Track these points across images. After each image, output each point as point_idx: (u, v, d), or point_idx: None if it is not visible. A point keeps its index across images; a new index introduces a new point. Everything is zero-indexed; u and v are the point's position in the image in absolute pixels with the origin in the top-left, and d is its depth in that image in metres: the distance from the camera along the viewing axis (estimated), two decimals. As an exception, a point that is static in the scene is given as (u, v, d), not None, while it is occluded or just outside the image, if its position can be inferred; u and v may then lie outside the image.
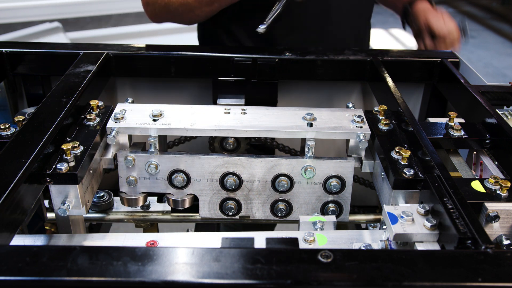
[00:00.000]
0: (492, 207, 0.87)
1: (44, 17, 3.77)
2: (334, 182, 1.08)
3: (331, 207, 1.11)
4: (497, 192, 0.90)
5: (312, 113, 1.09)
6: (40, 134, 0.94)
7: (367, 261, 0.66)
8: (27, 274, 0.63)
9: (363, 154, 1.12)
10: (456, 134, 1.11)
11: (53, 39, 3.44)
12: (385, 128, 1.10)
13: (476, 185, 0.92)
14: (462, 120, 1.20)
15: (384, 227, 0.93)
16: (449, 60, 1.40)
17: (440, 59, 1.40)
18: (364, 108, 1.36)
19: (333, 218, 1.05)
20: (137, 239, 0.97)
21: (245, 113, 1.11)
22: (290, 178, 1.08)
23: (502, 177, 1.02)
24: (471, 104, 1.20)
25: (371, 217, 1.19)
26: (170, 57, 1.37)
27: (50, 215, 1.12)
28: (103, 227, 1.31)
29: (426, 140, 0.99)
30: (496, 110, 1.13)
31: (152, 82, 1.47)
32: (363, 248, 0.91)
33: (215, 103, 1.40)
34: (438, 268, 0.66)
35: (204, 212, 1.12)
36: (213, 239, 0.96)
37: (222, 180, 1.09)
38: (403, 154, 0.97)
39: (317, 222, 1.03)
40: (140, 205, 1.13)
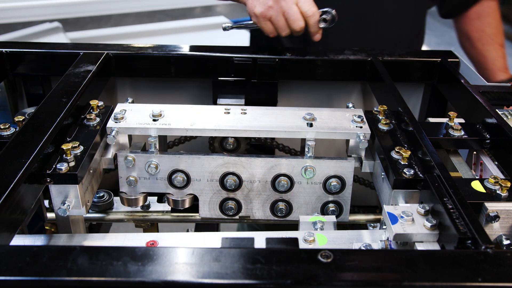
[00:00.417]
0: (492, 207, 0.87)
1: (44, 17, 3.77)
2: (334, 182, 1.08)
3: (331, 207, 1.11)
4: (497, 192, 0.90)
5: (312, 113, 1.09)
6: (40, 134, 0.94)
7: (367, 261, 0.66)
8: (27, 274, 0.63)
9: (363, 154, 1.12)
10: (456, 134, 1.11)
11: (53, 39, 3.44)
12: (385, 128, 1.10)
13: (476, 185, 0.92)
14: (462, 120, 1.20)
15: (384, 227, 0.93)
16: (449, 60, 1.40)
17: (440, 59, 1.40)
18: (364, 108, 1.36)
19: (333, 218, 1.05)
20: (137, 239, 0.97)
21: (245, 113, 1.11)
22: (290, 178, 1.08)
23: (502, 177, 1.02)
24: (471, 104, 1.20)
25: (371, 217, 1.19)
26: (170, 57, 1.37)
27: (50, 215, 1.12)
28: (103, 227, 1.31)
29: (426, 140, 0.99)
30: (496, 110, 1.13)
31: (152, 82, 1.47)
32: (363, 248, 0.91)
33: (215, 103, 1.40)
34: (438, 268, 0.66)
35: (204, 212, 1.12)
36: (213, 239, 0.96)
37: (222, 180, 1.08)
38: (403, 154, 0.97)
39: (317, 222, 1.03)
40: (140, 205, 1.13)
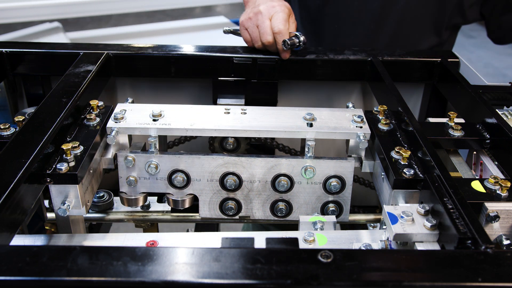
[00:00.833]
0: (492, 207, 0.87)
1: (44, 17, 3.76)
2: (334, 182, 1.08)
3: (331, 207, 1.11)
4: (497, 192, 0.90)
5: (312, 113, 1.09)
6: (40, 134, 0.94)
7: (367, 261, 0.66)
8: (27, 274, 0.63)
9: (363, 154, 1.12)
10: (456, 134, 1.11)
11: (53, 39, 3.44)
12: (385, 128, 1.10)
13: (476, 185, 0.92)
14: (462, 120, 1.20)
15: (384, 227, 0.93)
16: (449, 60, 1.40)
17: (440, 59, 1.40)
18: (364, 108, 1.36)
19: (333, 218, 1.05)
20: (137, 239, 0.97)
21: (245, 113, 1.11)
22: (290, 178, 1.08)
23: (502, 177, 1.02)
24: (471, 104, 1.20)
25: (371, 217, 1.19)
26: (170, 57, 1.37)
27: (50, 215, 1.12)
28: (103, 227, 1.31)
29: (426, 140, 0.99)
30: (496, 110, 1.13)
31: (152, 82, 1.47)
32: (363, 248, 0.91)
33: (215, 103, 1.41)
34: (438, 268, 0.66)
35: (204, 212, 1.12)
36: (213, 239, 0.96)
37: (222, 180, 1.08)
38: (403, 154, 0.97)
39: (317, 222, 1.03)
40: (140, 205, 1.13)
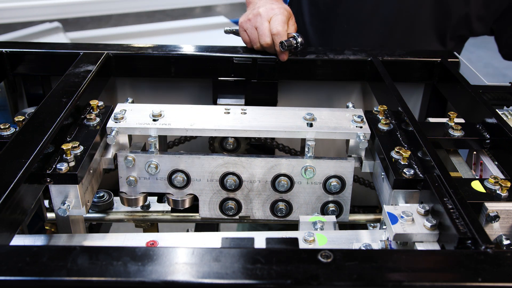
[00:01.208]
0: (492, 207, 0.87)
1: (44, 17, 3.76)
2: (334, 182, 1.08)
3: (331, 207, 1.11)
4: (497, 192, 0.90)
5: (312, 113, 1.09)
6: (40, 134, 0.94)
7: (367, 261, 0.66)
8: (27, 274, 0.63)
9: (363, 154, 1.12)
10: (456, 134, 1.11)
11: (53, 39, 3.44)
12: (385, 128, 1.10)
13: (476, 185, 0.92)
14: (462, 120, 1.20)
15: (384, 227, 0.93)
16: (449, 60, 1.40)
17: (440, 59, 1.40)
18: (364, 108, 1.36)
19: (333, 218, 1.05)
20: (137, 239, 0.97)
21: (245, 113, 1.11)
22: (290, 178, 1.08)
23: (502, 177, 1.02)
24: (471, 104, 1.20)
25: (371, 217, 1.19)
26: (170, 57, 1.37)
27: (50, 215, 1.12)
28: (103, 227, 1.31)
29: (426, 140, 0.99)
30: (496, 110, 1.13)
31: (152, 82, 1.47)
32: (363, 248, 0.91)
33: (215, 103, 1.40)
34: (438, 268, 0.66)
35: (204, 212, 1.12)
36: (213, 239, 0.96)
37: (222, 180, 1.08)
38: (403, 154, 0.97)
39: (317, 222, 1.03)
40: (140, 205, 1.13)
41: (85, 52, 1.34)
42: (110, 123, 1.05)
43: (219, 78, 1.39)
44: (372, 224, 1.16)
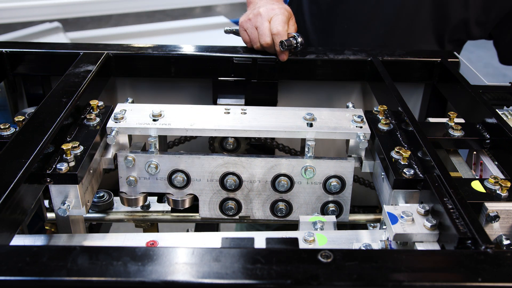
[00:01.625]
0: (492, 207, 0.87)
1: (44, 17, 3.76)
2: (334, 182, 1.08)
3: (331, 207, 1.11)
4: (497, 192, 0.90)
5: (312, 113, 1.09)
6: (40, 134, 0.94)
7: (367, 261, 0.66)
8: (27, 274, 0.63)
9: (363, 154, 1.12)
10: (456, 134, 1.11)
11: (53, 39, 3.44)
12: (385, 128, 1.10)
13: (476, 185, 0.92)
14: (462, 120, 1.20)
15: (384, 227, 0.93)
16: (449, 60, 1.40)
17: (440, 59, 1.40)
18: (364, 108, 1.36)
19: (333, 218, 1.05)
20: (137, 239, 0.97)
21: (245, 113, 1.11)
22: (290, 178, 1.08)
23: (502, 177, 1.02)
24: (471, 104, 1.20)
25: (371, 217, 1.19)
26: (170, 57, 1.37)
27: (50, 215, 1.12)
28: (103, 227, 1.31)
29: (426, 140, 0.99)
30: (496, 110, 1.13)
31: (152, 82, 1.47)
32: (363, 248, 0.91)
33: (215, 103, 1.40)
34: (438, 268, 0.66)
35: (204, 212, 1.12)
36: (213, 239, 0.96)
37: (222, 180, 1.08)
38: (403, 154, 0.97)
39: (317, 222, 1.03)
40: (140, 205, 1.13)
41: (85, 52, 1.34)
42: (110, 123, 1.05)
43: (219, 78, 1.39)
44: (372, 224, 1.16)
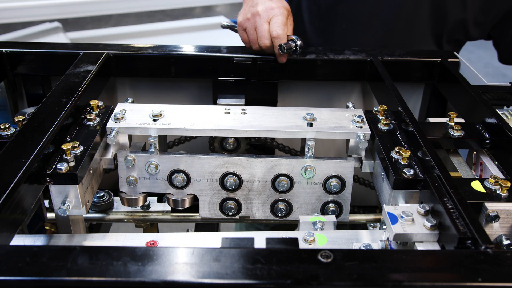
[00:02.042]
0: (492, 207, 0.87)
1: (44, 17, 3.77)
2: (334, 182, 1.08)
3: (331, 207, 1.11)
4: (497, 192, 0.90)
5: (312, 113, 1.09)
6: (40, 134, 0.94)
7: (367, 261, 0.66)
8: (27, 274, 0.63)
9: (363, 154, 1.12)
10: (456, 134, 1.11)
11: (53, 39, 3.44)
12: (385, 128, 1.10)
13: (476, 185, 0.92)
14: (462, 120, 1.20)
15: (384, 227, 0.93)
16: (449, 60, 1.40)
17: (440, 59, 1.40)
18: (364, 108, 1.36)
19: (333, 218, 1.05)
20: (137, 239, 0.97)
21: (245, 113, 1.11)
22: (290, 178, 1.08)
23: (502, 177, 1.02)
24: (471, 104, 1.20)
25: (371, 217, 1.19)
26: (170, 57, 1.37)
27: (50, 215, 1.12)
28: (103, 227, 1.31)
29: (426, 140, 0.99)
30: (496, 110, 1.13)
31: (152, 82, 1.47)
32: (363, 248, 0.91)
33: (215, 103, 1.40)
34: (438, 268, 0.66)
35: (204, 212, 1.12)
36: (213, 239, 0.96)
37: (222, 180, 1.08)
38: (403, 154, 0.97)
39: (317, 222, 1.03)
40: (140, 205, 1.13)
41: (85, 52, 1.34)
42: (110, 123, 1.05)
43: (219, 78, 1.39)
44: (372, 224, 1.16)
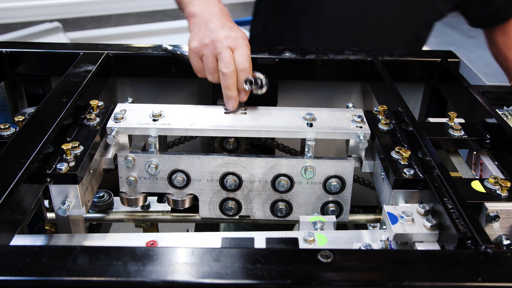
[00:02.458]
0: (492, 207, 0.87)
1: (44, 17, 3.77)
2: (334, 182, 1.08)
3: (331, 207, 1.11)
4: (497, 192, 0.90)
5: (312, 113, 1.09)
6: (40, 134, 0.94)
7: (367, 261, 0.66)
8: (27, 274, 0.63)
9: (363, 154, 1.12)
10: (456, 134, 1.11)
11: (53, 39, 3.44)
12: (385, 128, 1.10)
13: (476, 185, 0.92)
14: (462, 120, 1.20)
15: (384, 227, 0.93)
16: (449, 60, 1.40)
17: (440, 59, 1.40)
18: (364, 108, 1.36)
19: (333, 218, 1.05)
20: (137, 239, 0.97)
21: (245, 113, 1.11)
22: (290, 178, 1.08)
23: (502, 177, 1.02)
24: (471, 104, 1.20)
25: (371, 217, 1.19)
26: (170, 57, 1.37)
27: (50, 215, 1.12)
28: (103, 227, 1.31)
29: (426, 140, 0.99)
30: (496, 110, 1.13)
31: (152, 82, 1.47)
32: (363, 248, 0.91)
33: (215, 103, 1.40)
34: (438, 268, 0.66)
35: (204, 212, 1.12)
36: (213, 239, 0.96)
37: (222, 180, 1.08)
38: (403, 154, 0.97)
39: (317, 222, 1.03)
40: (140, 205, 1.13)
41: (85, 52, 1.34)
42: (110, 123, 1.05)
43: (219, 78, 1.39)
44: (372, 224, 1.16)
